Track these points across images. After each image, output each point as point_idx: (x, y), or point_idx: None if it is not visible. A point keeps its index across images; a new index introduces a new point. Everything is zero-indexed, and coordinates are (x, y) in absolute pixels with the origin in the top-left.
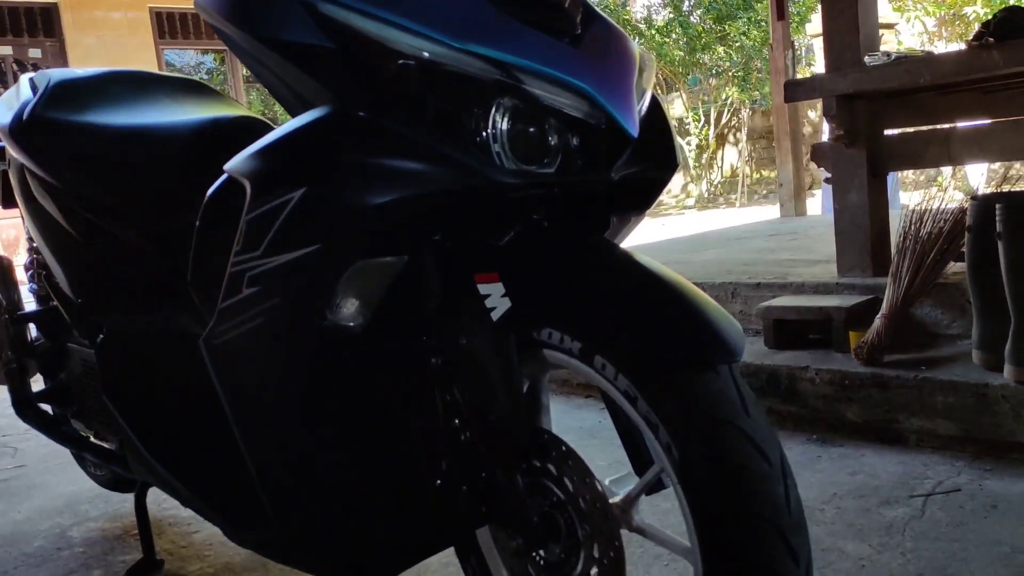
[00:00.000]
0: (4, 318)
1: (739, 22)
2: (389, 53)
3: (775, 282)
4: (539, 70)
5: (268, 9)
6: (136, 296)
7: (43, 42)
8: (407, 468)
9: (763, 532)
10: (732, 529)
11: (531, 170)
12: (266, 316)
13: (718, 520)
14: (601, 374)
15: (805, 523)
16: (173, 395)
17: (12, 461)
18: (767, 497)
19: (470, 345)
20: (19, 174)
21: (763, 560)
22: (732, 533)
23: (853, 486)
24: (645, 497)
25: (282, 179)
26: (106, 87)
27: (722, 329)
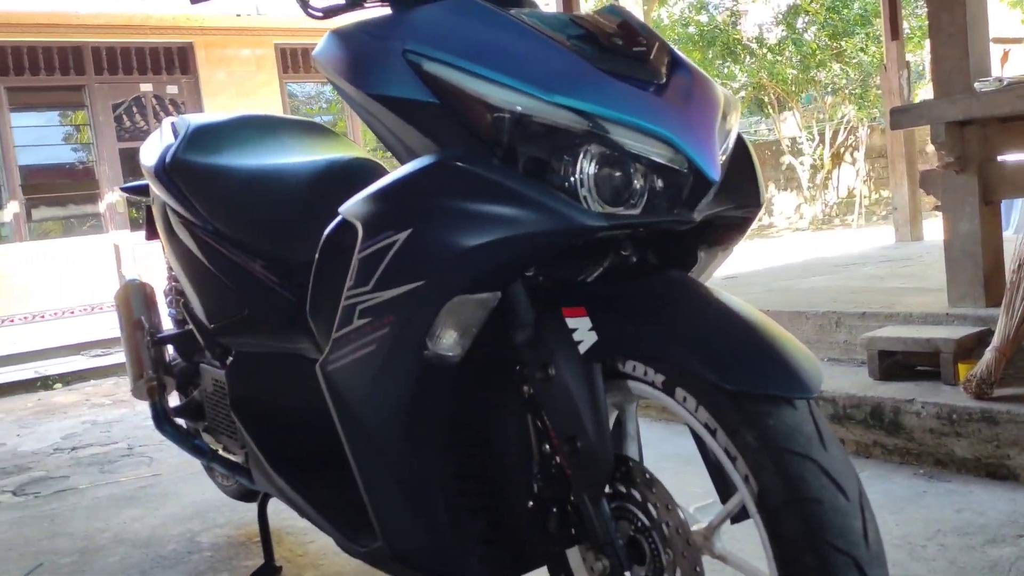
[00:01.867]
0: (147, 340)
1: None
2: (486, 107)
3: (881, 311)
4: (624, 119)
5: (378, 68)
6: (262, 322)
7: (179, 79)
8: (502, 489)
9: (840, 564)
10: (809, 560)
11: (617, 212)
12: (375, 345)
13: (795, 551)
14: (682, 406)
15: (884, 557)
16: (293, 414)
17: (148, 470)
18: (843, 530)
19: (558, 375)
20: (161, 210)
21: None
22: (809, 564)
23: (958, 523)
24: (730, 525)
25: (390, 222)
26: (237, 131)
27: (800, 364)
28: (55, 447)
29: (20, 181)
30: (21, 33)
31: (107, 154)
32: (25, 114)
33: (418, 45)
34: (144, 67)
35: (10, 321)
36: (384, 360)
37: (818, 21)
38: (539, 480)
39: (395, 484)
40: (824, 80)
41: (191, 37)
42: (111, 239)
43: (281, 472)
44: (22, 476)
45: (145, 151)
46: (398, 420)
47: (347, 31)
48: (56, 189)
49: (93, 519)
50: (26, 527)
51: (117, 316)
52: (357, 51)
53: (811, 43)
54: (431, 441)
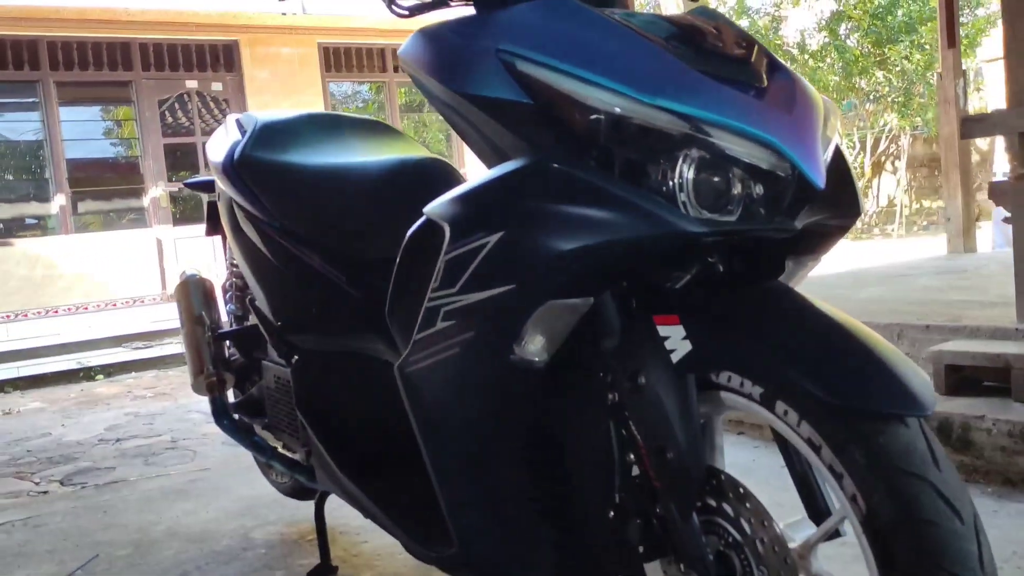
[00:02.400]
0: (207, 335)
1: (900, 45)
2: (583, 108)
3: (946, 325)
4: (726, 123)
5: (471, 67)
6: (330, 320)
7: (224, 76)
8: (582, 498)
9: None
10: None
11: (715, 218)
12: (459, 348)
13: (906, 574)
14: (783, 420)
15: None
16: (363, 414)
17: (195, 464)
18: (958, 554)
19: (649, 384)
20: (228, 207)
21: None
22: None
23: None
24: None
25: (481, 223)
26: (304, 128)
27: (911, 381)
28: (99, 438)
29: (67, 174)
30: (71, 28)
31: (152, 149)
32: (73, 108)
33: (512, 45)
34: (190, 64)
35: (54, 312)
36: (467, 364)
37: (862, 28)
38: (622, 490)
39: (473, 489)
40: (866, 87)
41: (237, 35)
42: (154, 233)
43: (347, 472)
44: (68, 466)
45: (212, 147)
46: (478, 424)
47: (436, 30)
48: (101, 183)
49: (146, 511)
50: (80, 518)
51: (178, 310)
52: (447, 50)
53: (854, 50)
54: (511, 446)
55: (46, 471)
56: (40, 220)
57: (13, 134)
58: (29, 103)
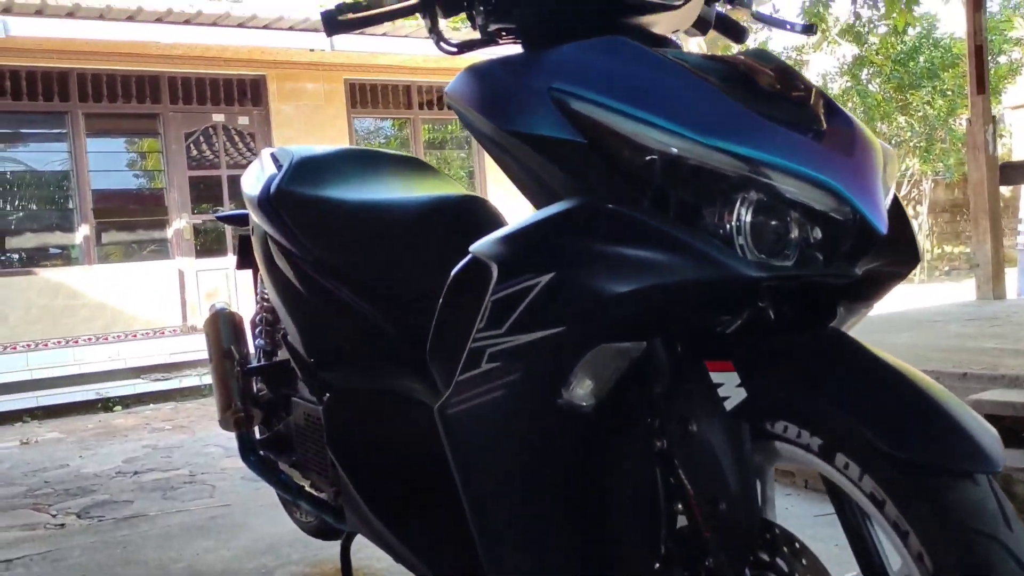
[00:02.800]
0: (236, 370)
1: (922, 91)
2: (638, 148)
3: (984, 373)
4: (786, 166)
5: (522, 105)
6: (364, 358)
7: (251, 110)
8: (627, 548)
9: None
10: None
11: (773, 263)
12: (504, 391)
13: None
14: (843, 473)
15: None
16: (398, 456)
17: (213, 500)
18: None
19: (700, 432)
20: (262, 241)
21: None
22: None
23: None
24: None
25: (531, 264)
26: (340, 164)
27: (979, 435)
28: (117, 470)
29: (92, 205)
30: (102, 61)
31: (177, 181)
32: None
33: (565, 83)
34: (217, 98)
35: (75, 342)
36: (512, 407)
37: (884, 73)
38: (668, 541)
39: (513, 535)
40: (888, 132)
41: (264, 70)
42: (176, 265)
43: (378, 513)
44: (86, 499)
45: (247, 181)
46: (522, 468)
47: (486, 67)
48: (126, 214)
49: (166, 548)
50: (99, 553)
51: (206, 344)
52: (498, 87)
53: (876, 95)
54: (554, 492)
55: (63, 503)
56: (64, 250)
57: (39, 164)
58: (57, 134)
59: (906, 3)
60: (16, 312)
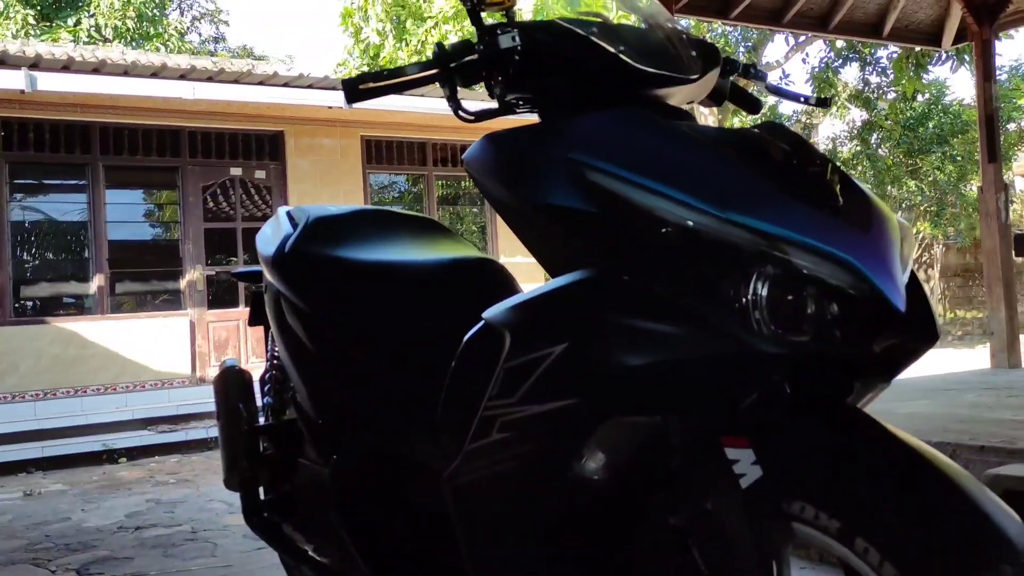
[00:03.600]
0: (244, 429)
1: (932, 156)
2: (654, 220)
3: (1003, 447)
4: (803, 241)
5: (538, 174)
6: (374, 422)
7: (268, 165)
8: None
9: None
10: None
11: (789, 338)
12: (515, 462)
13: None
14: (863, 559)
15: None
16: (407, 524)
17: (215, 559)
18: None
19: (715, 510)
20: (274, 299)
21: None
22: None
23: None
24: None
25: (544, 333)
26: (355, 224)
27: (1004, 523)
28: (119, 525)
29: (108, 255)
30: (125, 115)
31: (193, 233)
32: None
33: (582, 154)
34: (236, 152)
35: (83, 392)
36: (523, 479)
37: (894, 138)
38: None
39: None
40: (898, 196)
41: (283, 126)
42: (188, 315)
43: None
44: (86, 554)
45: (262, 239)
46: (532, 544)
47: (503, 136)
48: (140, 264)
49: None
50: None
51: (215, 401)
52: (514, 156)
53: (886, 159)
54: (566, 567)
55: (63, 559)
56: (77, 299)
57: (58, 214)
58: (77, 185)
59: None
60: (27, 361)
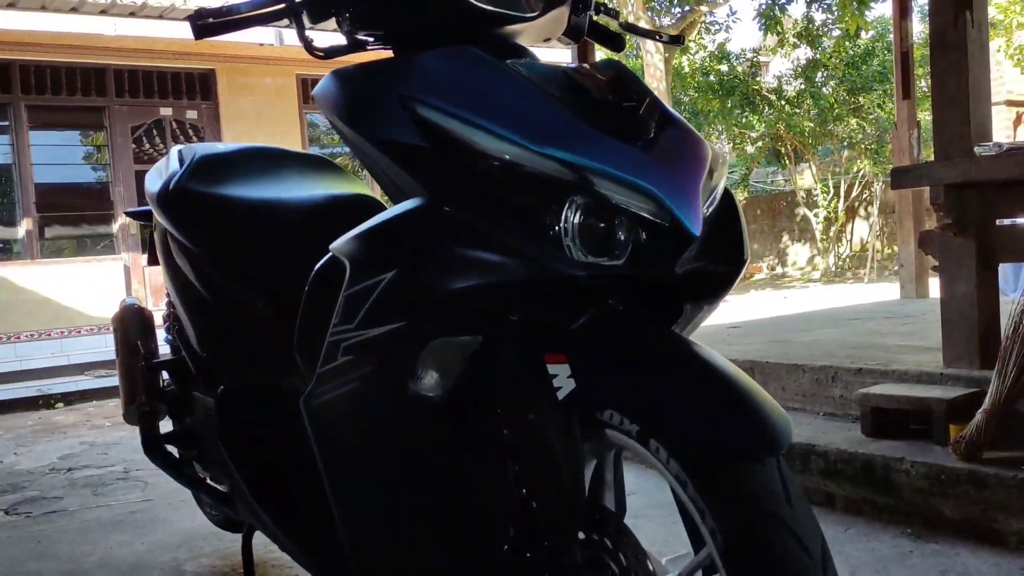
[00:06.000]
0: (141, 365)
1: (874, 94)
2: (476, 153)
3: (877, 368)
4: (609, 172)
5: (374, 111)
6: (254, 355)
7: (199, 105)
8: (479, 531)
9: None
10: None
11: (599, 262)
12: (357, 382)
13: None
14: (655, 457)
15: None
16: (278, 448)
17: (141, 495)
18: None
19: (537, 420)
20: (162, 237)
21: None
22: None
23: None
24: None
25: (376, 261)
26: (243, 162)
27: (771, 422)
28: (51, 467)
29: (35, 199)
30: (46, 53)
31: (123, 176)
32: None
33: (414, 90)
34: (165, 91)
35: (16, 338)
36: (367, 398)
37: (837, 76)
38: (515, 524)
39: (372, 521)
40: (841, 134)
41: (213, 64)
42: (122, 260)
43: (264, 504)
44: (16, 495)
45: (150, 178)
46: (378, 457)
47: (346, 72)
48: (70, 208)
49: (80, 542)
50: (13, 547)
51: (113, 339)
52: (354, 93)
53: (829, 97)
54: (411, 480)
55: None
56: (5, 244)
57: None
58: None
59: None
60: None
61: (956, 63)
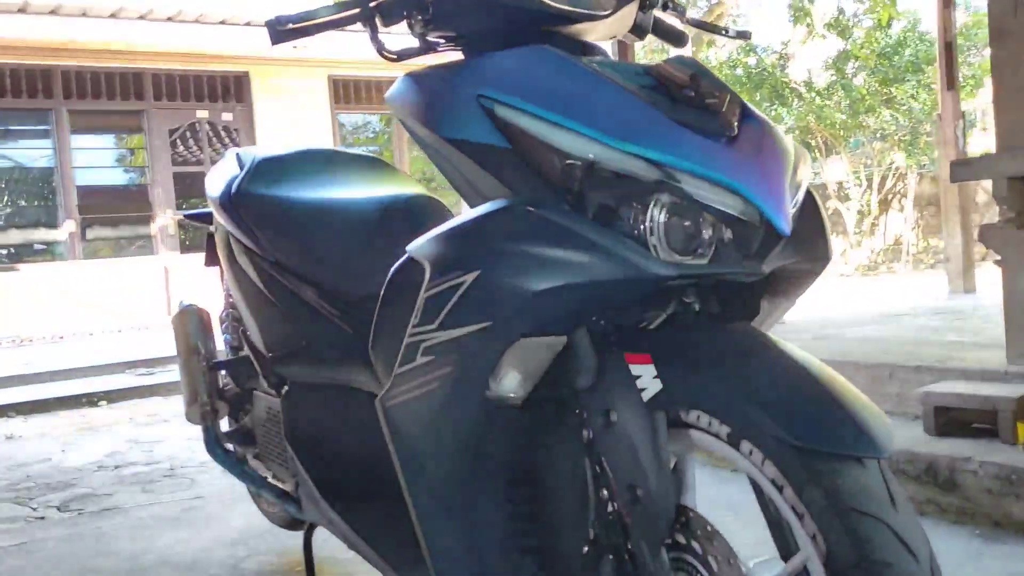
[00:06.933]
0: (202, 365)
1: (907, 85)
2: (558, 153)
3: (937, 366)
4: (695, 170)
5: (452, 111)
6: (320, 353)
7: (234, 106)
8: (556, 533)
9: None
10: None
11: (685, 261)
12: (438, 383)
13: None
14: (748, 459)
15: None
16: (351, 447)
17: (191, 492)
18: None
19: (620, 422)
20: (224, 239)
21: None
22: None
23: None
24: None
25: (458, 262)
26: (301, 164)
27: (870, 424)
28: (99, 464)
29: (77, 201)
30: (85, 58)
31: (161, 177)
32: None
33: (492, 90)
34: (201, 94)
35: (60, 338)
36: (445, 399)
37: (868, 67)
38: (596, 526)
39: (450, 522)
40: (873, 126)
41: (247, 66)
42: (162, 261)
43: (332, 503)
44: (67, 492)
45: (210, 181)
46: (457, 458)
47: (422, 74)
48: (110, 210)
49: (138, 539)
50: (73, 544)
51: (174, 340)
52: (431, 94)
53: (860, 88)
54: (489, 481)
55: (44, 497)
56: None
57: (26, 160)
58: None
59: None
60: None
61: (1016, 53)
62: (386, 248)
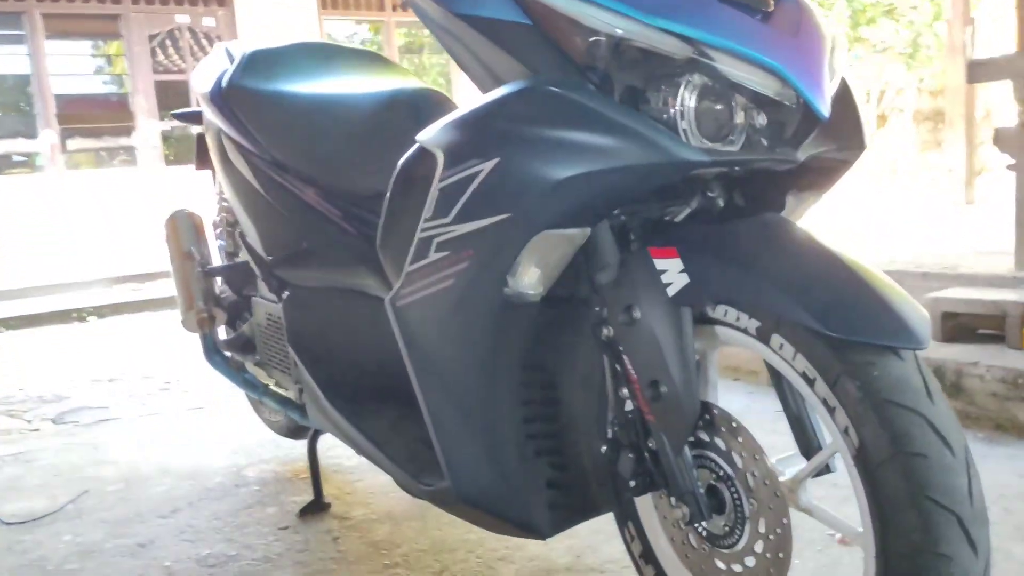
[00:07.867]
0: (197, 271)
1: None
2: (583, 29)
3: (944, 272)
4: (730, 47)
5: None
6: (322, 255)
7: (216, 11)
8: (576, 433)
9: (942, 522)
10: (910, 516)
11: (716, 147)
12: (453, 280)
13: (896, 507)
14: (778, 354)
15: (986, 516)
16: (355, 350)
17: (187, 403)
18: (948, 487)
19: (644, 318)
20: (216, 138)
21: (941, 548)
22: (910, 520)
23: (1021, 488)
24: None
25: (475, 150)
26: (295, 58)
27: (908, 315)
28: (93, 378)
29: (56, 111)
30: None
31: (142, 86)
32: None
33: None
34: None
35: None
36: (461, 296)
37: None
38: (614, 425)
39: (465, 423)
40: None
41: None
42: (145, 172)
43: (339, 408)
44: (60, 404)
45: (197, 76)
46: (472, 358)
47: None
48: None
49: (136, 449)
50: (70, 453)
51: (167, 245)
52: None
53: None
54: (504, 380)
55: (38, 410)
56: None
57: None
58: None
59: None
60: None
61: None
62: (392, 144)
